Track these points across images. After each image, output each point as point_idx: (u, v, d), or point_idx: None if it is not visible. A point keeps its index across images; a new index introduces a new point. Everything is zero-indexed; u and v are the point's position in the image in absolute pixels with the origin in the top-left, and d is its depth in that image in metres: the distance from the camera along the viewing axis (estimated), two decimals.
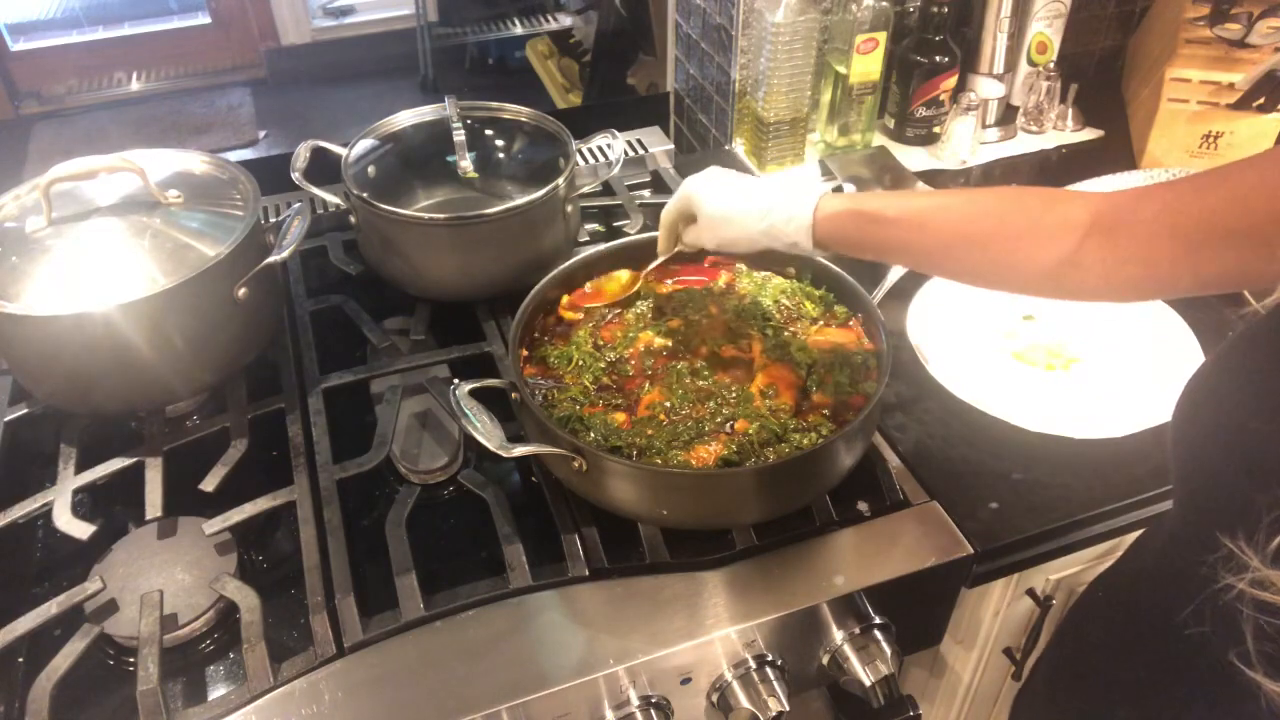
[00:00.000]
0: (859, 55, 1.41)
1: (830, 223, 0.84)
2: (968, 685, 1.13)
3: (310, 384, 1.08)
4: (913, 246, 0.82)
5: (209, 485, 0.96)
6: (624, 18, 2.63)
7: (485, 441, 0.84)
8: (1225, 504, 0.61)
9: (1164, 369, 1.10)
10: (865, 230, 0.83)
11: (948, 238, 0.80)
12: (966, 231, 0.78)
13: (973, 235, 0.78)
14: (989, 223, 0.77)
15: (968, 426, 1.05)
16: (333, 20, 3.96)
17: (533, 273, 1.07)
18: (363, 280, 1.23)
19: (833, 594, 0.89)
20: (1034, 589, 1.05)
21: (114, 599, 0.87)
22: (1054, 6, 1.50)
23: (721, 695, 0.90)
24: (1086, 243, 0.71)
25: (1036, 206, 0.76)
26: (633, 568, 0.90)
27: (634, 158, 1.54)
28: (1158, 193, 0.69)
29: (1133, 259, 0.69)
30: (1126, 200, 0.71)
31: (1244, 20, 1.42)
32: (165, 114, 3.72)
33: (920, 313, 1.18)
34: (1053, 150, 1.57)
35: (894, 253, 0.86)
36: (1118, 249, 0.70)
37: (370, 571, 0.91)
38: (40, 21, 3.76)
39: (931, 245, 0.81)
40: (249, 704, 0.80)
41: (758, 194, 0.89)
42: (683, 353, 1.00)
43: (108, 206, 1.02)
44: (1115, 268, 0.70)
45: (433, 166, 1.29)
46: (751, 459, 0.88)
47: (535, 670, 0.83)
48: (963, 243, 0.79)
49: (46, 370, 0.99)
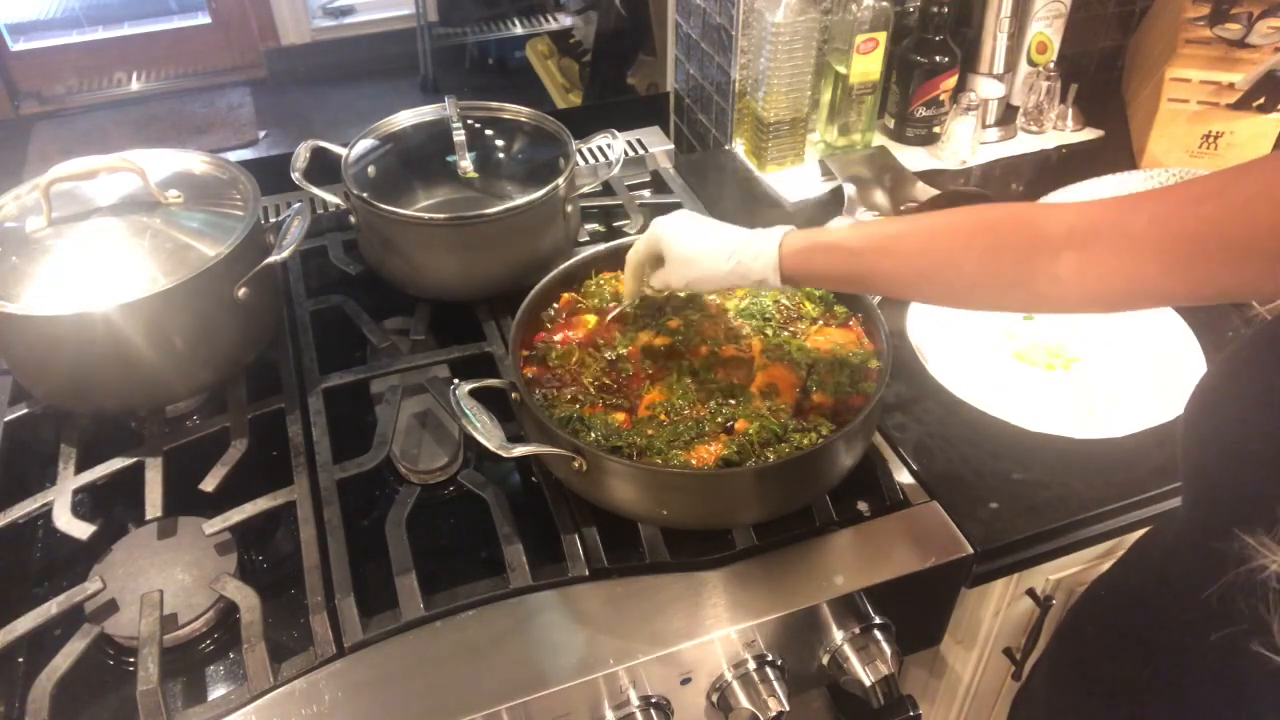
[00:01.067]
0: (859, 55, 1.41)
1: (796, 257, 0.85)
2: (968, 685, 1.13)
3: (310, 384, 1.08)
4: (880, 274, 0.83)
5: (209, 485, 0.96)
6: (624, 18, 2.63)
7: (485, 441, 0.84)
8: (1241, 499, 0.61)
9: (1164, 369, 1.10)
10: (831, 262, 0.85)
11: (916, 263, 0.80)
12: (933, 254, 0.78)
13: (940, 258, 0.78)
14: (955, 242, 0.77)
15: (968, 426, 1.05)
16: (333, 20, 3.96)
17: (533, 273, 1.07)
18: (363, 280, 1.23)
19: (833, 594, 0.89)
20: (1034, 589, 1.05)
21: (114, 599, 0.87)
22: (1054, 6, 1.50)
23: (721, 695, 0.90)
24: (1062, 256, 0.70)
25: (1004, 223, 0.75)
26: (633, 568, 0.90)
27: (634, 158, 1.54)
28: (1144, 204, 0.67)
29: (1115, 273, 0.68)
30: (1109, 212, 0.69)
31: (1244, 20, 1.42)
32: (165, 114, 3.73)
33: (920, 313, 1.18)
34: (1053, 150, 1.57)
35: (863, 281, 0.87)
36: (1097, 263, 0.68)
37: (370, 571, 0.91)
38: (40, 21, 3.77)
39: (899, 271, 0.82)
40: (249, 704, 0.80)
41: (724, 234, 0.91)
42: (683, 353, 1.00)
43: (108, 206, 1.02)
44: (1096, 282, 0.69)
45: (433, 166, 1.29)
46: (751, 459, 0.88)
47: (535, 670, 0.83)
48: (931, 266, 0.79)
49: (46, 370, 0.99)
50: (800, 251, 0.85)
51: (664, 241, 0.93)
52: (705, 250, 0.90)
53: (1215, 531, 0.61)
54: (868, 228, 0.85)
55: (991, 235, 0.75)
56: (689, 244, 0.92)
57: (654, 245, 0.95)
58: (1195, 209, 0.64)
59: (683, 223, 0.93)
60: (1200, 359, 1.10)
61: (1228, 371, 0.67)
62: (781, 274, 0.86)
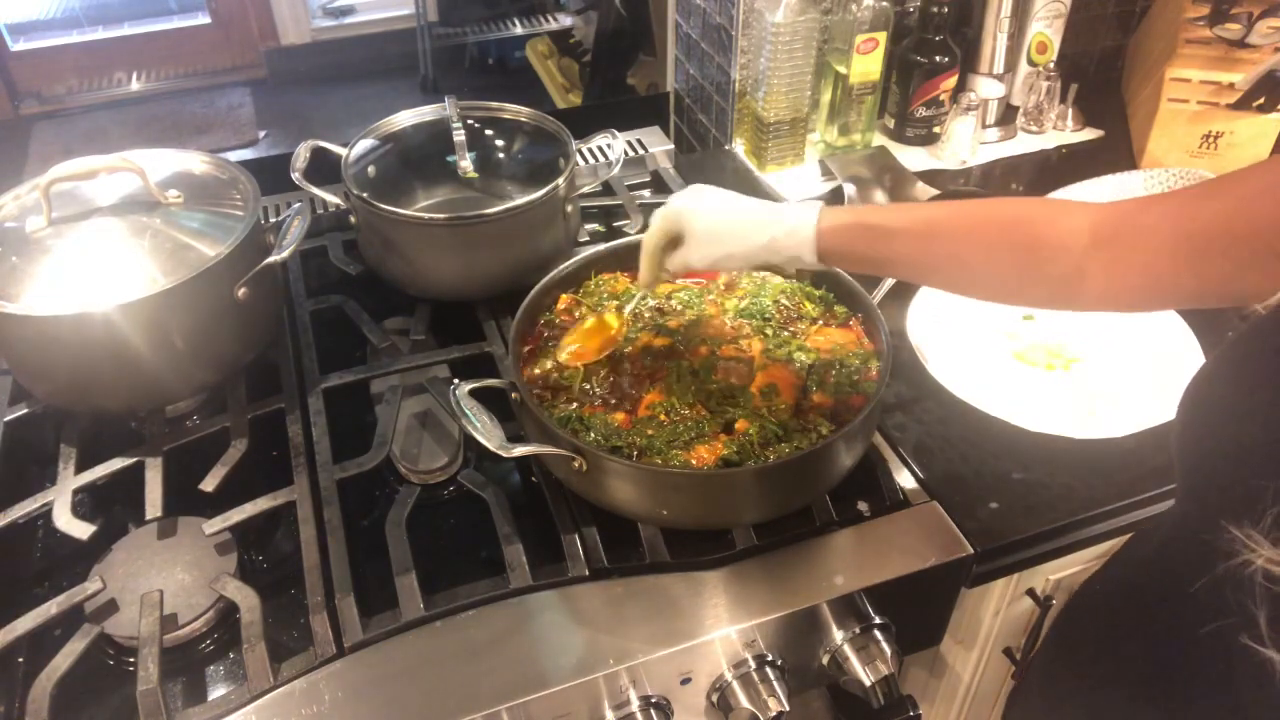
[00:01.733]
0: (859, 55, 1.41)
1: (834, 235, 0.82)
2: (968, 685, 1.13)
3: (310, 384, 1.08)
4: (916, 260, 0.81)
5: (209, 485, 0.96)
6: (624, 18, 2.63)
7: (485, 441, 0.84)
8: (1231, 491, 0.61)
9: (1164, 369, 1.10)
10: (870, 243, 0.82)
11: (954, 249, 0.79)
12: (972, 244, 0.78)
13: (978, 248, 0.77)
14: (994, 234, 0.77)
15: (968, 426, 1.05)
16: (333, 20, 3.96)
17: (533, 273, 1.07)
18: (363, 280, 1.23)
19: (833, 594, 0.89)
20: (1034, 589, 1.05)
21: (114, 599, 0.87)
22: (1054, 6, 1.50)
23: (721, 695, 0.90)
24: (1090, 254, 0.71)
25: (1041, 219, 0.75)
26: (633, 568, 0.90)
27: (634, 158, 1.54)
28: (1160, 201, 0.69)
29: (1134, 269, 0.69)
30: (1128, 209, 0.70)
31: (1244, 20, 1.42)
32: (165, 114, 3.72)
33: (920, 313, 1.18)
34: (1053, 150, 1.57)
35: (897, 265, 0.84)
36: (1118, 260, 0.70)
37: (370, 571, 0.91)
38: (40, 21, 3.77)
39: (936, 258, 0.80)
40: (249, 704, 0.80)
41: (753, 208, 0.86)
42: (683, 353, 1.00)
43: (108, 206, 1.02)
44: (1117, 278, 0.70)
45: (433, 166, 1.29)
46: (751, 459, 0.88)
47: (535, 670, 0.83)
48: (968, 255, 0.78)
49: (46, 370, 0.99)
50: (840, 230, 0.82)
51: (685, 218, 0.87)
52: (733, 226, 0.86)
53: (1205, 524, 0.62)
54: (908, 211, 0.83)
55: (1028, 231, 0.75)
56: (714, 220, 0.86)
57: (673, 223, 0.88)
58: (1203, 205, 0.65)
59: (704, 197, 0.88)
60: (1200, 359, 1.10)
61: (1224, 363, 0.68)
62: (818, 252, 0.83)
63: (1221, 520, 0.59)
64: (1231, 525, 0.58)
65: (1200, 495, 0.68)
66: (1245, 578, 0.58)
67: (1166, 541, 0.76)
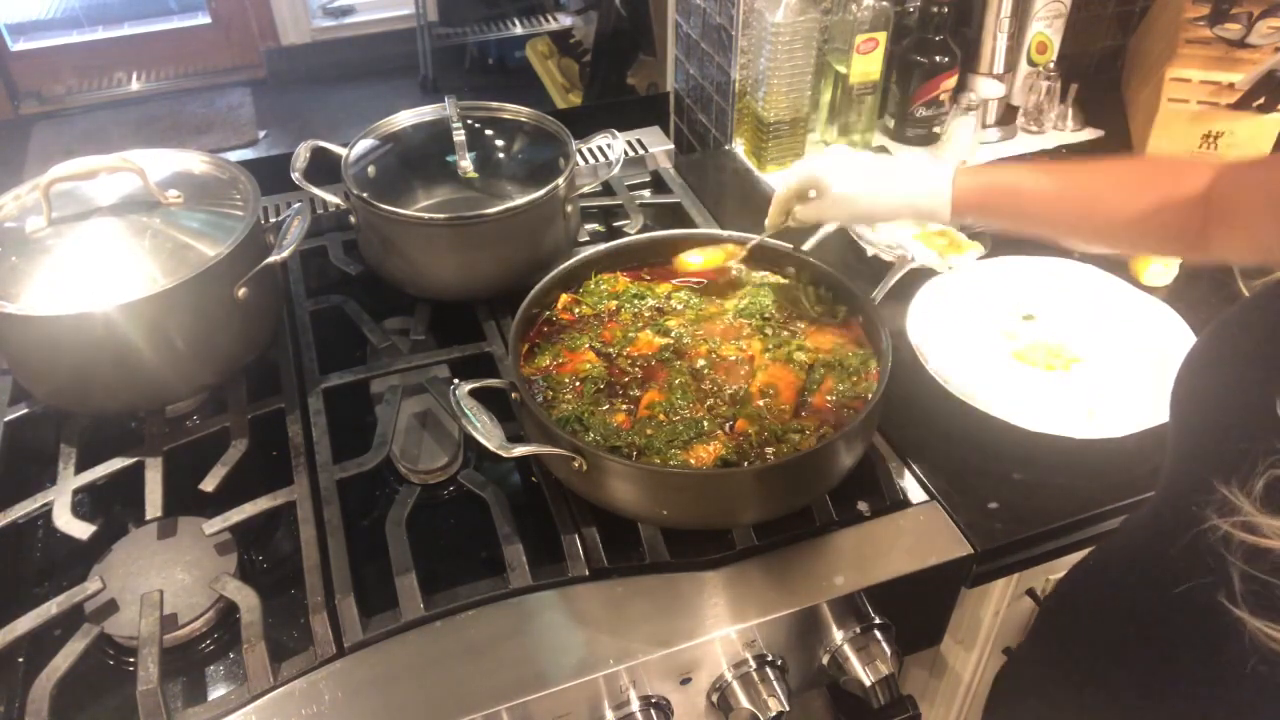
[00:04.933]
0: (859, 55, 1.41)
1: (973, 194, 0.91)
2: (968, 685, 1.13)
3: (310, 384, 1.08)
4: (1048, 216, 0.90)
5: (209, 485, 0.96)
6: (624, 18, 2.63)
7: (485, 441, 0.84)
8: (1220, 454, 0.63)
9: (1164, 369, 1.09)
10: (1004, 202, 0.92)
11: (1084, 208, 0.87)
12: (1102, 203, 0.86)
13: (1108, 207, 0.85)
14: (1124, 195, 0.84)
15: (968, 426, 1.04)
16: (333, 20, 3.96)
17: (533, 273, 1.07)
18: (363, 280, 1.23)
19: (833, 594, 0.89)
20: (1034, 589, 1.05)
21: (114, 599, 0.87)
22: (1054, 6, 1.50)
23: (721, 695, 0.90)
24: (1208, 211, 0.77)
25: (1167, 180, 0.82)
26: (633, 568, 0.90)
27: (634, 158, 1.54)
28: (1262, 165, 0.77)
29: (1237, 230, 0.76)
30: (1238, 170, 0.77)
31: (1244, 20, 1.42)
32: (165, 114, 3.72)
33: (920, 313, 1.18)
34: (1053, 150, 1.57)
35: (1028, 221, 0.92)
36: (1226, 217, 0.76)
37: (370, 571, 0.91)
38: (40, 21, 3.77)
39: (1068, 215, 0.89)
40: (249, 704, 0.80)
41: (889, 169, 0.98)
42: (683, 352, 1.00)
43: (108, 206, 1.02)
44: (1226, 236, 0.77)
45: (433, 166, 1.29)
46: (751, 459, 0.88)
47: (535, 670, 0.83)
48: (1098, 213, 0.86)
49: (46, 370, 0.99)
50: (977, 189, 0.91)
51: (822, 180, 0.97)
52: (873, 186, 0.96)
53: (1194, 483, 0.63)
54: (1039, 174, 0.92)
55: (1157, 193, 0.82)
56: (854, 181, 0.96)
57: (809, 181, 0.98)
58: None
59: (842, 159, 0.98)
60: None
61: (1220, 334, 0.70)
62: (953, 209, 0.92)
63: (1210, 479, 0.60)
64: (1219, 483, 0.59)
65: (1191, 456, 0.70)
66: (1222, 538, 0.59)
67: (1154, 512, 0.77)
